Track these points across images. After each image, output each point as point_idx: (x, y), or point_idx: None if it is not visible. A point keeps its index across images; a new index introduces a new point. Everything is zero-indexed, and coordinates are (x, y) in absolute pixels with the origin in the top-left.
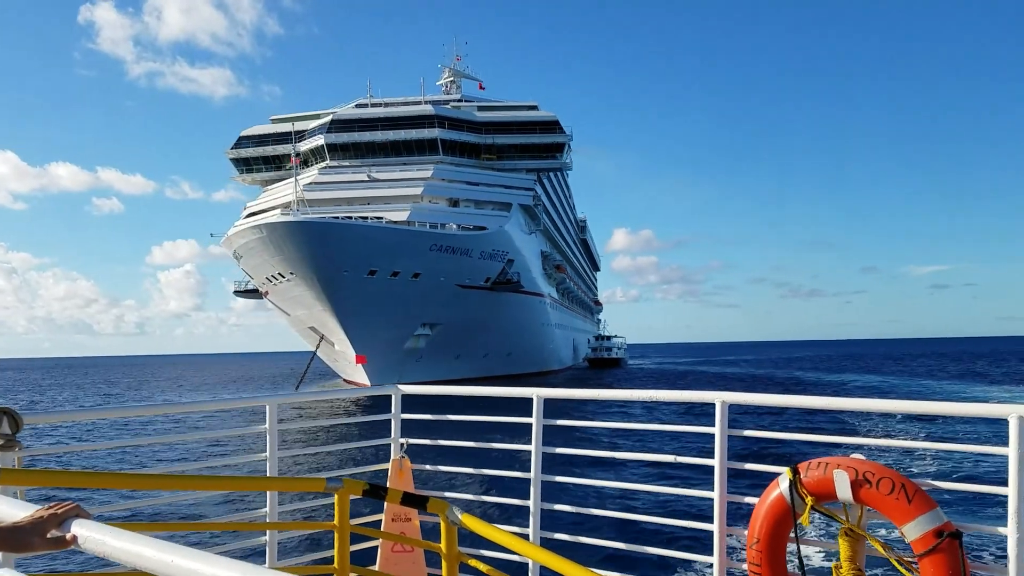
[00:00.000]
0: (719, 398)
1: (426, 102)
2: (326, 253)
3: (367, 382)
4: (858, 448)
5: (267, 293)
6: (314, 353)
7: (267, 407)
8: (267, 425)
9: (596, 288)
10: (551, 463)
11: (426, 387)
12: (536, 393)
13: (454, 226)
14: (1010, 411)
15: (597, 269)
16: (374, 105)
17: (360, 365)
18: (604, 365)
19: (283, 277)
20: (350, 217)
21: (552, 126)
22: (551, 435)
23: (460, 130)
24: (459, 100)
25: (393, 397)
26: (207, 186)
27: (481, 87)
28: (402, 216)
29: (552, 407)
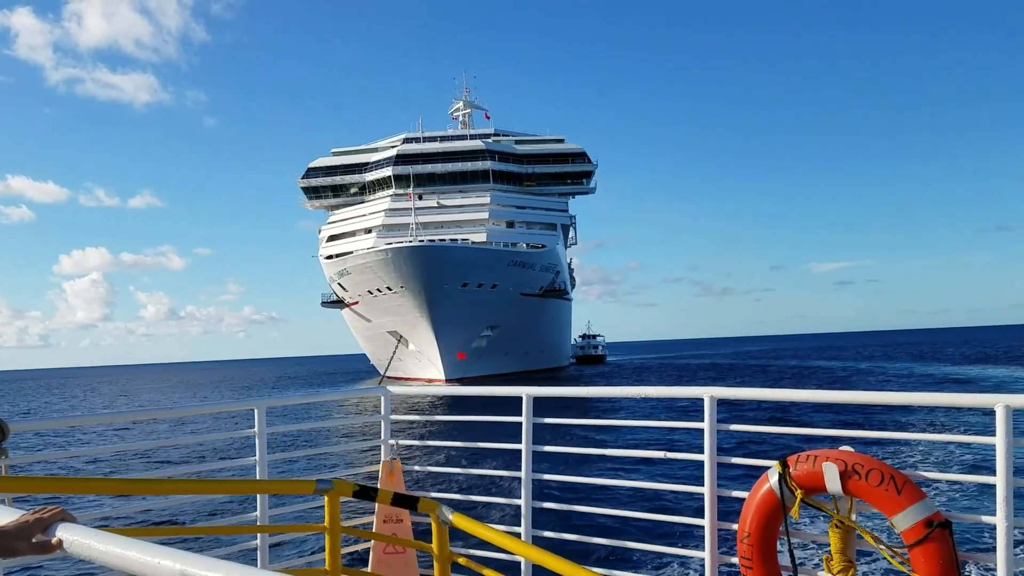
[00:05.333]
0: (707, 393)
1: (471, 136)
2: (437, 270)
3: (427, 377)
4: (847, 440)
5: (354, 304)
6: (393, 352)
7: (255, 410)
8: (256, 428)
9: None
10: (541, 461)
11: (415, 388)
12: (525, 392)
13: (523, 245)
14: (996, 400)
15: None
16: (428, 139)
17: (431, 362)
18: (590, 361)
19: (390, 290)
20: (443, 239)
21: (582, 156)
22: (541, 433)
23: (507, 162)
24: (496, 134)
25: (383, 399)
26: (123, 192)
27: (487, 116)
28: (480, 237)
29: (541, 405)
